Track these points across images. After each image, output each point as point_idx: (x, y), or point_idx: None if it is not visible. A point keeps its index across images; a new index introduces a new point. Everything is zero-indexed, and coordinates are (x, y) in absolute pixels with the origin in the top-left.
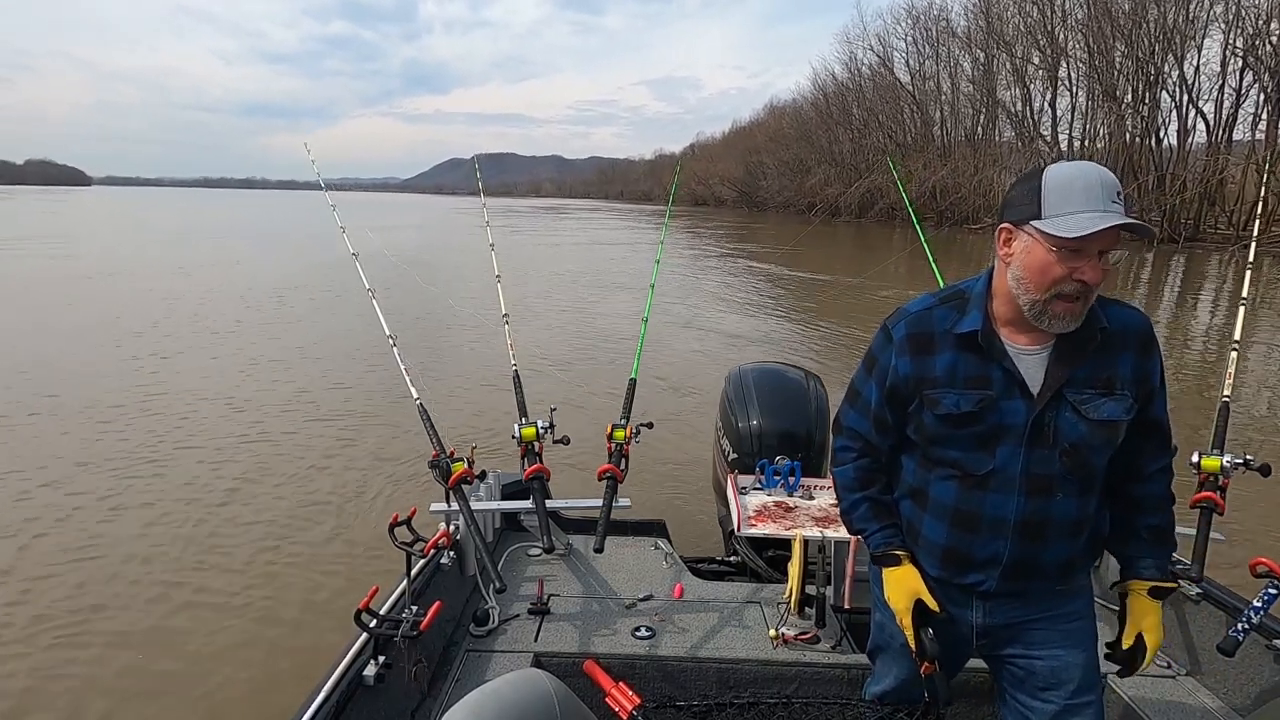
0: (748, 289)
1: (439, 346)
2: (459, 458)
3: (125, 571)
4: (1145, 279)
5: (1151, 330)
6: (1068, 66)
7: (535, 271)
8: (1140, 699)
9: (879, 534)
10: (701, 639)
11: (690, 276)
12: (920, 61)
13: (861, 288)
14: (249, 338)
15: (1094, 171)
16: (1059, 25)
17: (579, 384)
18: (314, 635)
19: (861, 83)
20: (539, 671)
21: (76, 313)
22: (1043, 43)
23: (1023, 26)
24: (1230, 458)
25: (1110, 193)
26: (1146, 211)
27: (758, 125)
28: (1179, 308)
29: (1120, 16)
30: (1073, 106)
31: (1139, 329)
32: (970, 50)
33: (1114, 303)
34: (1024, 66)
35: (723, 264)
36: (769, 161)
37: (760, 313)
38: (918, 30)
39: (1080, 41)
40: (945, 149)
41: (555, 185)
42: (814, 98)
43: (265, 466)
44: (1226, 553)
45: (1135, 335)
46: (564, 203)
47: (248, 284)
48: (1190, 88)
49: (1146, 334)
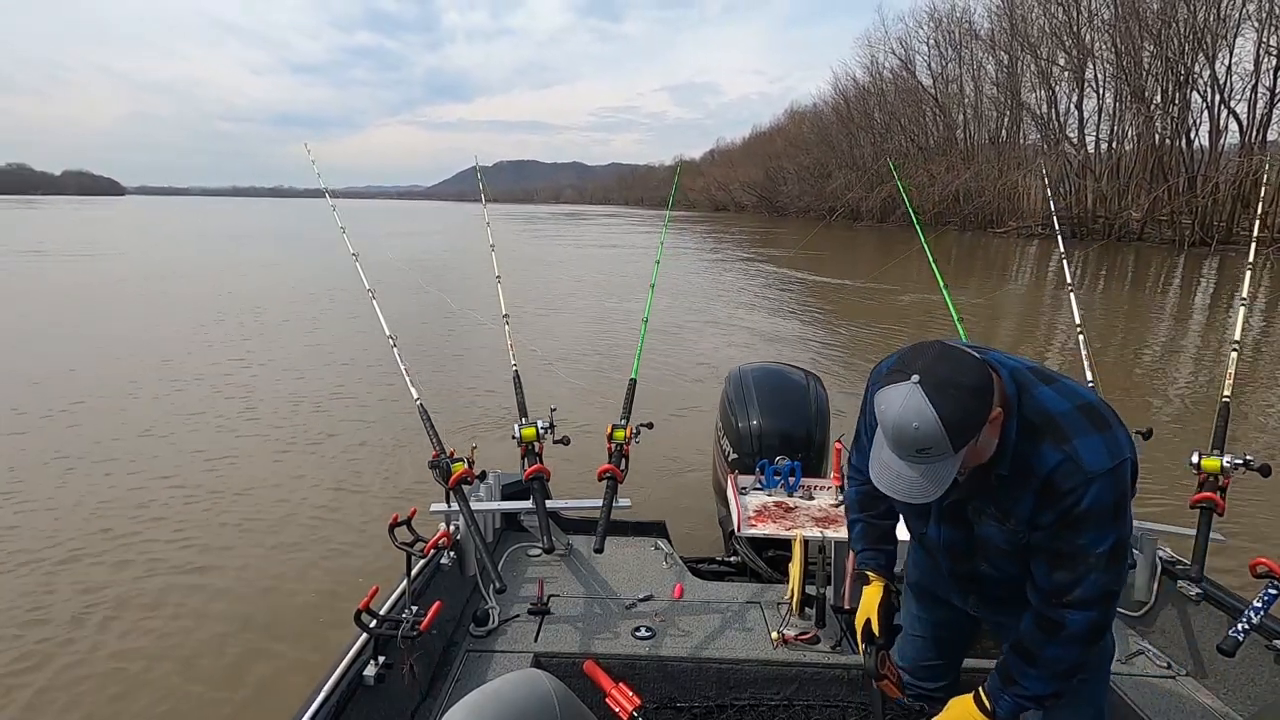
0: (763, 290)
1: (464, 346)
2: (459, 458)
3: (126, 565)
4: (1176, 282)
5: (1056, 481)
6: (1094, 67)
7: (559, 274)
8: (1140, 699)
9: (862, 554)
10: (702, 639)
11: (712, 276)
12: (943, 64)
13: (878, 291)
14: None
15: (905, 427)
16: (1085, 26)
17: (600, 378)
18: (314, 635)
19: (883, 86)
20: (539, 672)
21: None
22: (1068, 44)
23: (1048, 28)
24: (1230, 458)
25: (910, 450)
26: (1177, 214)
27: (778, 130)
28: (1211, 310)
29: (1149, 16)
30: (1100, 108)
31: (1040, 476)
32: (994, 52)
33: (1046, 442)
34: (1049, 68)
35: (747, 267)
36: (789, 166)
37: (775, 314)
38: (940, 33)
39: (1107, 42)
40: (968, 152)
41: (576, 191)
42: (835, 102)
43: (274, 467)
44: (1225, 552)
45: (1035, 482)
46: (584, 209)
47: (295, 282)
48: (1222, 88)
49: (1046, 483)
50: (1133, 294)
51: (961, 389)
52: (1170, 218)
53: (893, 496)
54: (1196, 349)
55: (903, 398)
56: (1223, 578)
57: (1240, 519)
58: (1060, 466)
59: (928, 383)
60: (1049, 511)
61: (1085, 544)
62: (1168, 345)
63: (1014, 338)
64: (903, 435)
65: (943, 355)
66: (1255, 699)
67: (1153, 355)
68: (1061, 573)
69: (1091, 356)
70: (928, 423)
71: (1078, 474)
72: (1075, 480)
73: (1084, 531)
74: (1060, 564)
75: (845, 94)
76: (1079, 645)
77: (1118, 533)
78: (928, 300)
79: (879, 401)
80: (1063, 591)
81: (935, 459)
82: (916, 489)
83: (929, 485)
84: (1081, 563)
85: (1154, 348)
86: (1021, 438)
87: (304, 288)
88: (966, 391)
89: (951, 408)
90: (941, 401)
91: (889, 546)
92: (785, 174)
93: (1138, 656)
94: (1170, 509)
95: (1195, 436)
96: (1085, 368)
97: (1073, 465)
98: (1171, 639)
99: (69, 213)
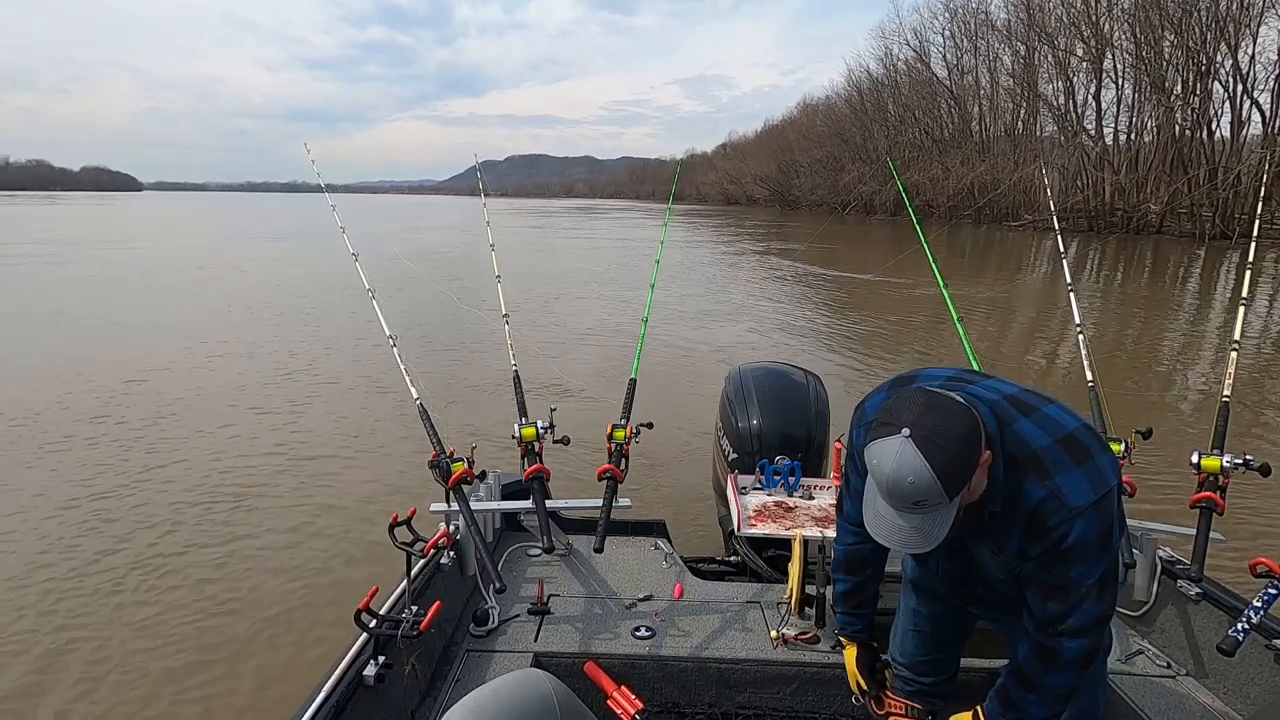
0: (776, 284)
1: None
2: (459, 458)
3: (132, 552)
4: (1196, 274)
5: (1041, 517)
6: (1113, 58)
7: (573, 270)
8: (1140, 699)
9: (840, 615)
10: (701, 639)
11: (726, 270)
12: (958, 56)
13: (890, 285)
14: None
15: (900, 482)
16: (1104, 16)
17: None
18: (314, 635)
19: (897, 78)
20: (539, 671)
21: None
22: (1087, 34)
23: (1066, 18)
24: (1230, 458)
25: (906, 502)
26: (1197, 207)
27: (790, 123)
28: (1232, 306)
29: (1170, 5)
30: (1119, 99)
31: (1026, 511)
32: (1010, 43)
33: (1030, 479)
34: (1067, 59)
35: (761, 261)
36: (802, 160)
37: (790, 306)
38: (955, 24)
39: (1127, 32)
40: (984, 144)
41: (587, 186)
42: (848, 94)
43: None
44: (1225, 552)
45: (1023, 516)
46: (596, 203)
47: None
48: (1245, 78)
49: (1032, 517)
50: (1150, 287)
51: (952, 438)
52: (1190, 210)
53: (891, 547)
54: (1214, 346)
55: (895, 453)
56: (1223, 577)
57: (1240, 519)
58: (1044, 503)
59: (918, 435)
60: (1037, 545)
61: (1076, 576)
62: (1181, 341)
63: (1026, 332)
64: (897, 489)
65: (930, 406)
66: (1255, 698)
67: (1165, 351)
68: (1054, 603)
69: (1091, 355)
70: (922, 477)
71: (1062, 510)
72: (1060, 516)
73: (1073, 565)
74: (1052, 595)
75: (859, 86)
76: (1076, 670)
77: (1106, 563)
78: (940, 295)
79: (870, 456)
80: (1057, 621)
81: (931, 509)
82: (913, 540)
83: (926, 535)
84: (1073, 594)
85: (1171, 343)
86: (1009, 475)
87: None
88: (957, 440)
89: (944, 459)
90: (934, 454)
91: (867, 610)
92: (798, 167)
93: (1137, 656)
94: (1170, 509)
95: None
96: (1085, 367)
97: (1056, 502)
98: (1171, 639)
99: (102, 208)
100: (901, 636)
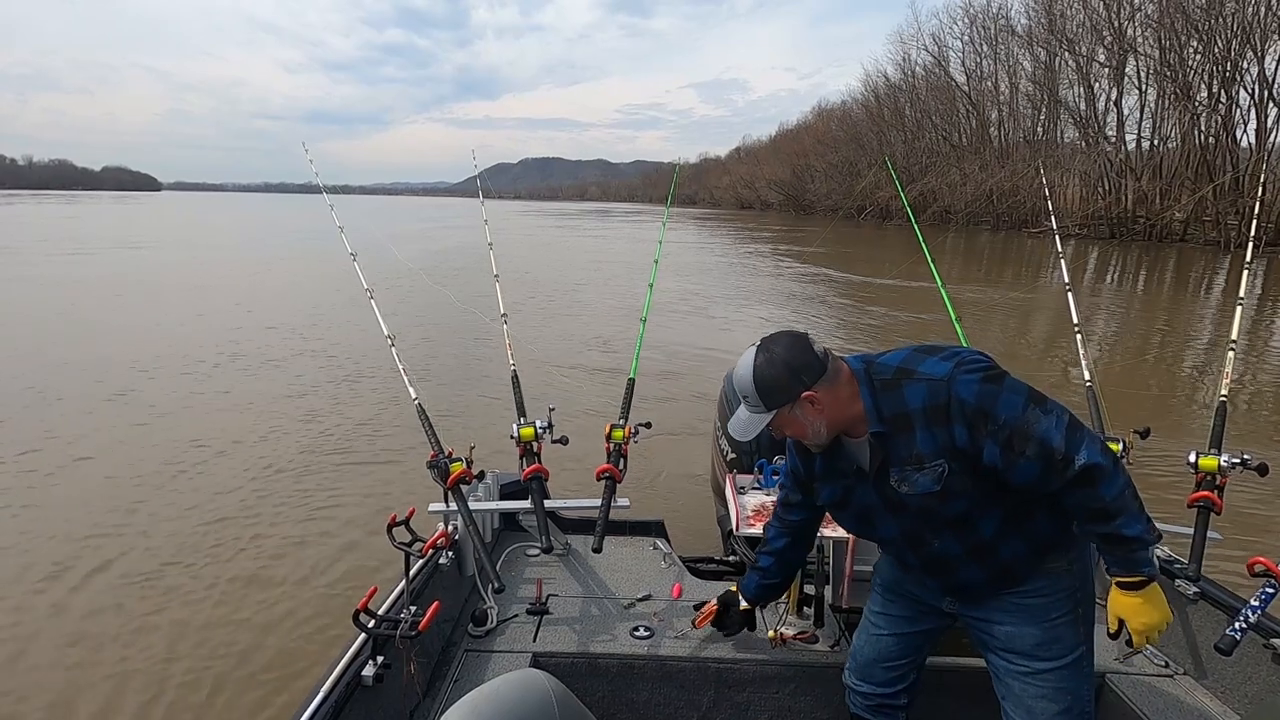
0: (790, 285)
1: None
2: (457, 458)
3: (133, 550)
4: (1219, 284)
5: (931, 404)
6: (1136, 64)
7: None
8: (1137, 697)
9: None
10: (700, 639)
11: (739, 271)
12: (977, 61)
13: (905, 289)
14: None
15: (739, 374)
16: (1127, 21)
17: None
18: (312, 635)
19: (915, 83)
20: (538, 672)
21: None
22: (1109, 40)
23: (1088, 23)
24: (1227, 457)
25: (738, 393)
26: (1222, 215)
27: (805, 128)
28: (1258, 314)
29: (1194, 11)
30: (1141, 105)
31: (917, 409)
32: (1031, 49)
33: (904, 385)
34: (1088, 65)
35: (776, 264)
36: (817, 164)
37: (801, 308)
38: (975, 29)
39: (1150, 38)
40: (1003, 150)
41: (600, 189)
42: (864, 99)
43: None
44: (1223, 551)
45: (918, 415)
46: (609, 206)
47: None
48: (1271, 84)
49: (926, 411)
50: (1174, 295)
51: (778, 362)
52: (1215, 218)
53: (731, 434)
54: (1256, 353)
55: (746, 354)
56: (1220, 577)
57: (1239, 518)
58: (925, 392)
59: (762, 350)
60: (956, 428)
61: (1008, 417)
62: (1205, 345)
63: (1034, 334)
64: (735, 379)
65: (791, 340)
66: (1252, 697)
67: (1187, 355)
68: (1030, 450)
69: (1089, 356)
70: (745, 377)
71: (939, 386)
72: (942, 392)
73: (993, 413)
74: (1019, 446)
75: (876, 90)
76: (1108, 464)
77: (1012, 389)
78: (956, 298)
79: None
80: (1052, 455)
81: (752, 408)
82: (738, 426)
83: (745, 428)
84: (1027, 428)
85: (1195, 349)
86: (882, 395)
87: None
88: (782, 364)
89: (765, 371)
90: (760, 364)
91: (770, 583)
92: (813, 172)
93: (1135, 655)
94: (1168, 508)
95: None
96: (1083, 367)
97: (932, 384)
98: (1169, 637)
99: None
100: (863, 640)
